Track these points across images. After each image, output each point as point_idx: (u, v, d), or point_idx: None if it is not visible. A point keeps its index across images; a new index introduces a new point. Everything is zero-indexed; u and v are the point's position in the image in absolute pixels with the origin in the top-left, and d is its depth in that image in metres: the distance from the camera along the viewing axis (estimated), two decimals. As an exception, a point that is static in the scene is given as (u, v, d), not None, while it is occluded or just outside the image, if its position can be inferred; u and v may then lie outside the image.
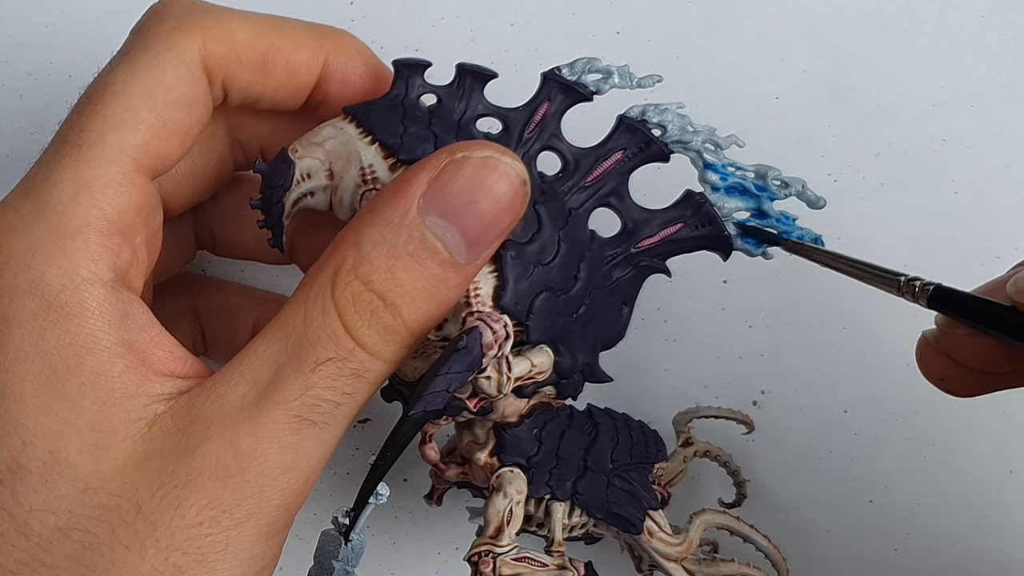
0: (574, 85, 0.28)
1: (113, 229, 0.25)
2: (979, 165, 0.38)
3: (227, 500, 0.24)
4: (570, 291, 0.28)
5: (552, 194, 0.28)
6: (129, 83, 0.26)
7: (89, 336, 0.24)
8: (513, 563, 0.28)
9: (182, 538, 0.24)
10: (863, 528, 0.37)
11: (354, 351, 0.25)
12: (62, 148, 0.26)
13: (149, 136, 0.26)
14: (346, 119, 0.28)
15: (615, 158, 0.29)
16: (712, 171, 0.29)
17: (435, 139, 0.27)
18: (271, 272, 0.37)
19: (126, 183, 0.26)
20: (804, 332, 0.37)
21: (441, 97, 0.28)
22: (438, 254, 0.25)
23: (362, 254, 0.25)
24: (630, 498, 0.31)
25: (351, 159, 0.27)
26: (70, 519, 0.24)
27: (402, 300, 0.25)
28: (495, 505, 0.29)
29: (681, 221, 0.29)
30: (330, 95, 0.29)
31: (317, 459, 0.25)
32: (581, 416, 0.31)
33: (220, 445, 0.24)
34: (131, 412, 0.25)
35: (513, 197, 0.26)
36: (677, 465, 0.33)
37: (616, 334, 0.30)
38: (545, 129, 0.28)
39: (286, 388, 0.25)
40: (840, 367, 0.37)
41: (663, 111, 0.29)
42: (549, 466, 0.30)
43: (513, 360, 0.28)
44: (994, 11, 0.38)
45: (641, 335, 0.30)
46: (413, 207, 0.25)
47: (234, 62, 0.28)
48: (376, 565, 0.37)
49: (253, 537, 0.24)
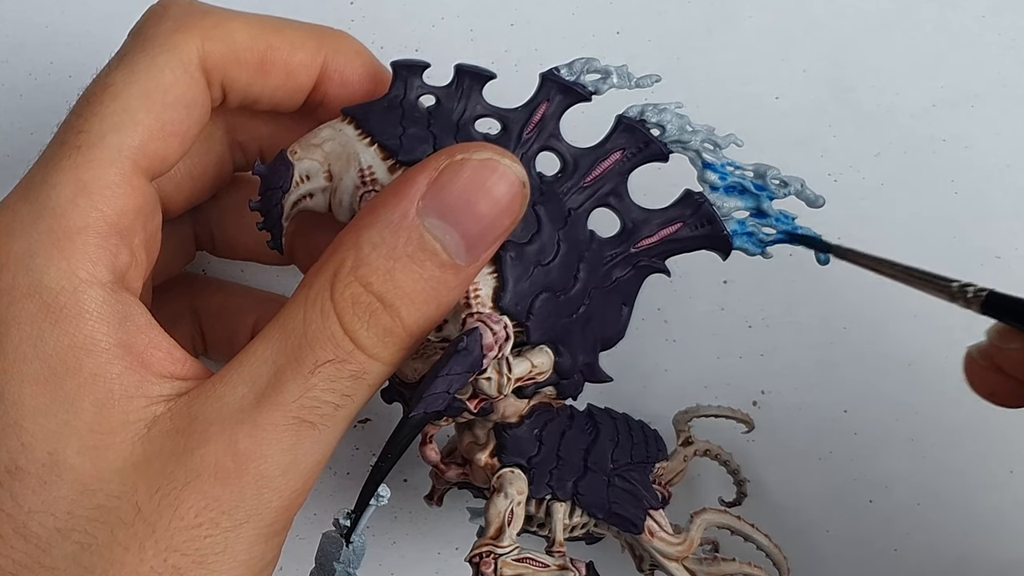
0: (572, 85, 0.28)
1: (112, 231, 0.25)
2: (979, 165, 0.38)
3: (226, 501, 0.24)
4: (570, 291, 0.28)
5: (551, 194, 0.28)
6: (127, 84, 0.26)
7: (88, 337, 0.24)
8: (514, 563, 0.28)
9: (181, 539, 0.24)
10: (863, 528, 0.37)
11: (353, 353, 0.25)
12: (60, 150, 0.26)
13: (147, 137, 0.26)
14: (345, 120, 0.28)
15: (614, 158, 0.29)
16: (711, 170, 0.29)
17: (434, 140, 0.27)
18: (271, 272, 0.37)
19: (124, 184, 0.26)
20: (804, 332, 0.37)
21: (440, 98, 0.28)
22: (437, 256, 0.25)
23: (361, 256, 0.25)
24: (631, 498, 0.31)
25: (350, 160, 0.27)
26: (69, 520, 0.24)
27: (401, 302, 0.25)
28: (496, 506, 0.29)
29: (680, 221, 0.29)
30: (329, 96, 0.29)
31: (316, 460, 0.25)
32: (581, 416, 0.31)
33: (219, 447, 0.24)
34: (130, 413, 0.24)
35: (512, 199, 0.26)
36: (677, 464, 0.33)
37: (616, 334, 0.30)
38: (544, 129, 0.28)
39: (285, 390, 0.24)
40: (840, 367, 0.37)
41: (662, 111, 0.29)
42: (550, 466, 0.30)
43: (513, 361, 0.28)
44: (994, 11, 0.38)
45: (641, 335, 0.30)
46: (412, 209, 0.25)
47: (233, 63, 0.28)
48: (376, 565, 0.37)
49: (252, 538, 0.24)
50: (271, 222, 0.28)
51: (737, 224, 0.29)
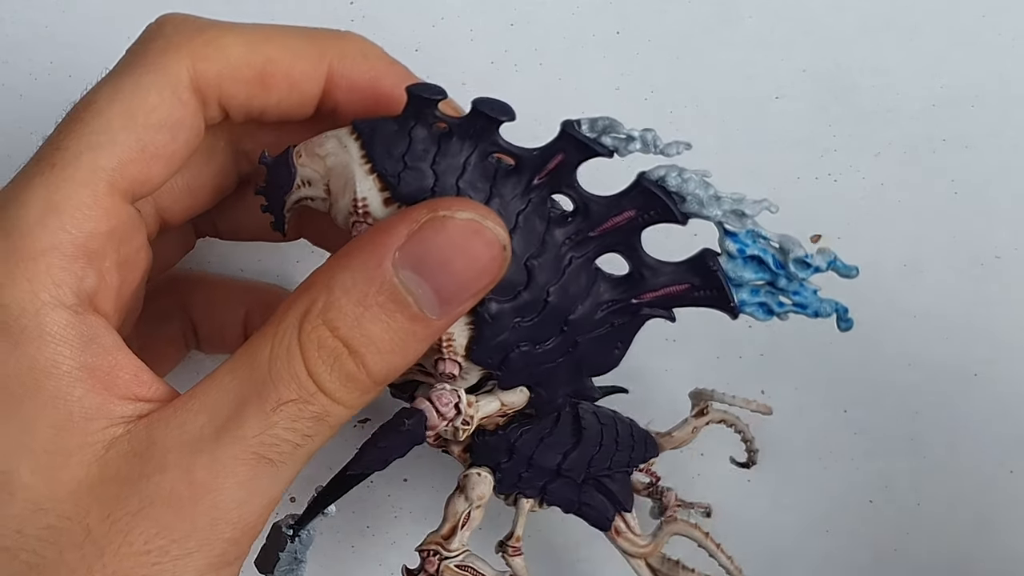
0: (591, 144, 0.27)
1: (79, 252, 0.25)
2: (979, 165, 0.38)
3: (177, 530, 0.24)
4: (553, 343, 0.28)
5: (551, 245, 0.27)
6: (110, 103, 0.26)
7: (49, 360, 0.24)
8: (455, 570, 0.29)
9: (129, 565, 0.24)
10: (863, 528, 0.37)
11: (315, 395, 0.25)
12: (36, 166, 0.25)
13: (127, 159, 0.25)
14: (352, 135, 0.27)
15: (627, 215, 0.27)
16: (732, 240, 0.27)
17: (435, 180, 0.26)
18: (265, 263, 0.37)
19: (96, 206, 0.25)
20: (804, 332, 0.37)
21: (453, 130, 0.27)
22: (408, 308, 0.25)
23: (332, 299, 0.25)
24: (602, 498, 0.31)
25: (347, 185, 0.27)
26: (18, 539, 0.24)
27: (367, 349, 0.25)
28: (454, 505, 0.29)
29: (688, 283, 0.28)
30: (340, 103, 0.28)
31: (272, 496, 0.25)
32: (567, 420, 0.31)
33: (176, 475, 0.24)
34: (89, 435, 0.24)
35: (491, 261, 0.25)
36: (685, 435, 0.33)
37: (608, 367, 0.29)
38: (556, 178, 0.27)
39: (246, 424, 0.24)
40: (840, 367, 0.37)
41: (686, 180, 0.27)
42: (520, 470, 0.30)
43: (482, 401, 0.28)
44: (994, 11, 0.38)
45: (641, 335, 0.30)
46: (388, 259, 0.25)
47: (229, 80, 0.27)
48: (376, 565, 0.37)
49: (202, 568, 0.24)
50: (274, 208, 0.28)
51: (749, 293, 0.28)
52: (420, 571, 0.29)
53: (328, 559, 0.37)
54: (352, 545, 0.37)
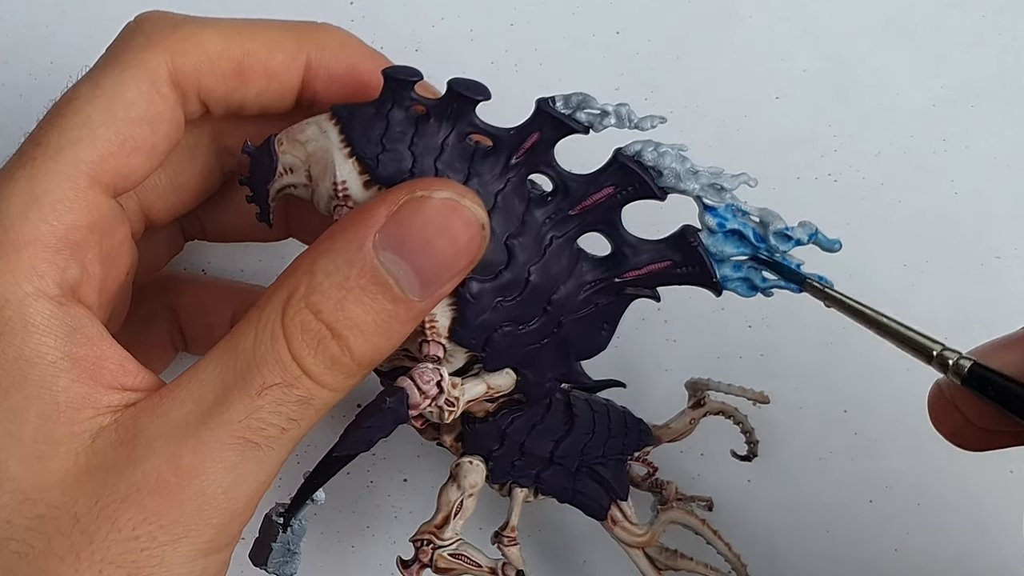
0: (566, 120, 0.27)
1: (62, 244, 0.25)
2: (979, 165, 0.38)
3: (165, 516, 0.24)
4: (536, 323, 0.28)
5: (531, 224, 0.28)
6: (91, 99, 0.26)
7: (34, 351, 0.24)
8: (449, 558, 0.29)
9: (117, 551, 0.24)
10: (863, 528, 0.37)
11: (300, 379, 0.25)
12: (18, 161, 0.25)
13: (107, 153, 0.26)
14: (332, 120, 0.27)
15: (606, 192, 0.28)
16: (711, 215, 0.27)
17: (413, 161, 0.27)
18: (267, 263, 0.37)
19: (78, 199, 0.25)
20: (804, 332, 0.37)
21: (429, 112, 0.27)
22: (390, 290, 0.25)
23: (314, 283, 0.25)
24: (597, 486, 0.31)
25: (327, 169, 0.27)
26: (7, 529, 0.24)
27: (350, 332, 0.25)
28: (447, 495, 0.30)
29: (670, 260, 0.28)
30: (319, 93, 0.29)
31: (260, 481, 0.25)
32: (559, 407, 0.30)
33: (162, 461, 0.24)
34: (75, 424, 0.24)
35: (470, 240, 0.26)
36: (683, 426, 0.33)
37: (595, 350, 0.29)
38: (533, 157, 0.27)
39: (231, 409, 0.24)
40: (840, 367, 0.37)
41: (662, 154, 0.27)
42: (512, 458, 0.30)
43: (468, 383, 0.28)
44: (994, 11, 0.38)
45: (641, 335, 0.30)
46: (368, 241, 0.25)
47: (207, 74, 0.27)
48: (376, 565, 0.37)
49: (191, 554, 0.24)
50: (259, 198, 0.28)
51: (732, 268, 0.28)
52: (414, 561, 0.29)
53: (328, 559, 0.37)
54: (352, 545, 0.37)
